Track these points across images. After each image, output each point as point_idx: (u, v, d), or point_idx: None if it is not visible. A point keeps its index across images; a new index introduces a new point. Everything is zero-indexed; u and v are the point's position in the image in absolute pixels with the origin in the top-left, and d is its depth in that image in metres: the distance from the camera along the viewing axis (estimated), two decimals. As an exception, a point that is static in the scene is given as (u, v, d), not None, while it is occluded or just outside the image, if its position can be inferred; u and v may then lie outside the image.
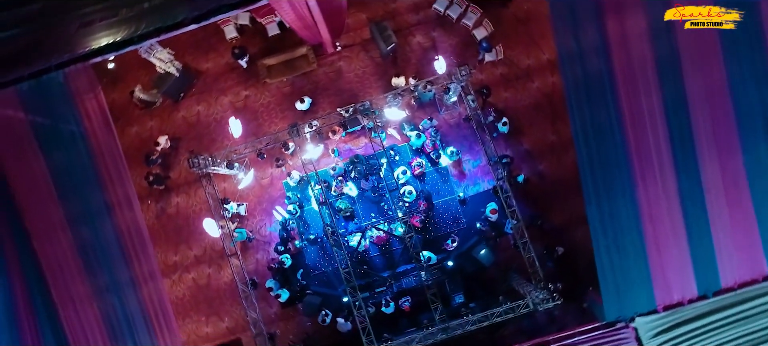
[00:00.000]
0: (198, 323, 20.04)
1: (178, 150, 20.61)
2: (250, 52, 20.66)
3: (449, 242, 18.93)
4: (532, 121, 20.20)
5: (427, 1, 20.68)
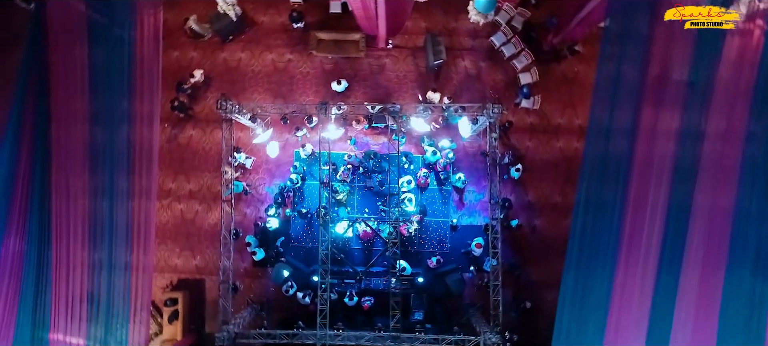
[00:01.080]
0: (171, 253, 21.02)
1: (208, 87, 21.59)
2: (307, 20, 21.62)
3: (434, 260, 19.58)
4: (543, 177, 20.91)
5: (487, 32, 21.50)
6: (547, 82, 21.30)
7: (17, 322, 15.59)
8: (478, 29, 21.60)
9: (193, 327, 20.44)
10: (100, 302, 15.75)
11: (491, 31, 21.49)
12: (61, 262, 15.85)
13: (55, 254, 15.81)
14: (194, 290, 20.74)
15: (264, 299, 20.47)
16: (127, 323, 15.80)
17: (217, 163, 20.89)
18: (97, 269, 15.83)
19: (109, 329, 15.67)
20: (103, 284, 15.81)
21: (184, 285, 20.79)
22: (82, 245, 15.83)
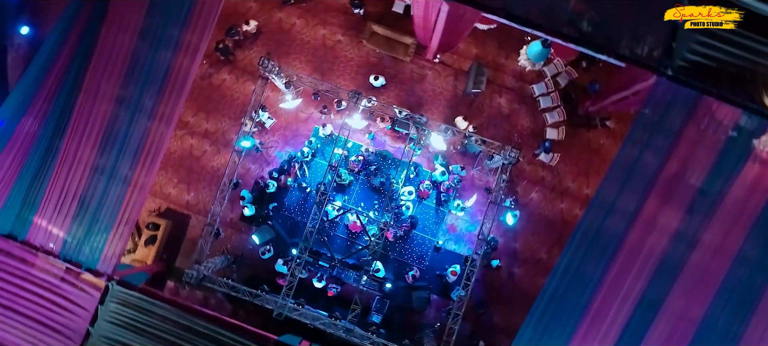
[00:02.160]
0: (169, 181, 22.17)
1: (256, 40, 22.60)
2: (368, 8, 22.46)
3: (411, 274, 20.57)
4: (536, 231, 21.68)
5: (531, 78, 22.20)
6: (570, 145, 22.00)
7: (9, 196, 16.58)
8: (523, 73, 22.24)
9: (164, 257, 21.49)
10: (89, 205, 16.56)
11: (535, 80, 22.16)
12: (67, 156, 16.70)
13: (65, 147, 16.67)
14: (178, 223, 21.84)
15: (240, 253, 21.56)
16: (108, 232, 16.54)
17: (240, 113, 21.98)
18: (98, 173, 16.64)
19: (90, 232, 16.49)
20: (99, 189, 16.61)
21: (170, 215, 21.88)
22: (92, 147, 16.66)
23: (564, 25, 16.39)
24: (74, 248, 16.43)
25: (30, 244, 16.35)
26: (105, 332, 15.77)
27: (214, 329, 15.64)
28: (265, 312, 18.78)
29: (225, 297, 20.62)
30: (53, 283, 16.23)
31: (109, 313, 15.89)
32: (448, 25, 18.36)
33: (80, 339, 15.79)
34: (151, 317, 15.81)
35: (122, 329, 15.81)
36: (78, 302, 16.14)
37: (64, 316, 16.08)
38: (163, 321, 15.78)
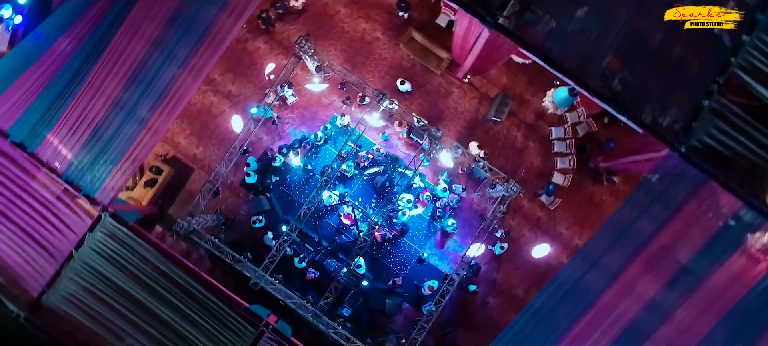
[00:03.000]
0: (181, 131, 22.80)
1: (298, 18, 23.12)
2: (412, 14, 22.93)
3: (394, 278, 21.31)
4: (519, 267, 22.09)
5: (551, 120, 22.63)
6: (573, 193, 22.39)
7: (29, 107, 17.05)
8: (545, 113, 22.67)
9: (159, 202, 22.07)
10: (102, 136, 17.03)
11: (555, 123, 22.53)
12: (93, 84, 17.17)
13: (93, 75, 17.13)
14: (180, 173, 22.43)
15: (232, 216, 22.14)
16: (113, 166, 17.01)
17: (266, 83, 22.52)
18: (117, 108, 17.12)
19: (96, 162, 16.95)
20: (114, 123, 17.10)
21: (175, 163, 22.47)
22: (119, 81, 17.13)
23: (595, 79, 16.75)
24: (77, 173, 16.86)
25: (37, 157, 16.79)
26: (87, 258, 16.23)
27: (190, 282, 16.06)
28: (241, 278, 19.45)
29: (207, 255, 21.17)
30: (49, 200, 16.68)
31: (96, 241, 16.33)
32: (485, 51, 18.74)
33: (62, 260, 16.27)
34: (133, 255, 16.26)
35: (104, 259, 16.26)
36: (69, 224, 16.61)
37: (52, 234, 16.58)
38: (143, 262, 16.22)
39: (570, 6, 16.62)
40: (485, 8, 16.19)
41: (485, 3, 16.30)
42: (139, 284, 16.22)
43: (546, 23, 16.77)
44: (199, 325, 16.04)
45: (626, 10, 16.59)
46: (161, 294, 16.23)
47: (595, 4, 16.70)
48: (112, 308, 16.08)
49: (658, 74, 16.56)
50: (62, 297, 16.10)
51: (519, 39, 16.29)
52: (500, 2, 16.12)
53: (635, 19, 16.56)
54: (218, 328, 16.05)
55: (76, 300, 16.11)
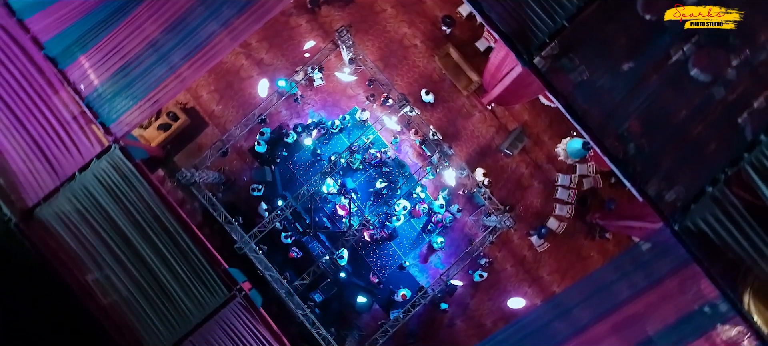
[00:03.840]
0: (206, 85, 23.07)
1: (345, 7, 23.28)
2: (454, 32, 23.02)
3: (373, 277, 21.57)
4: (492, 299, 22.29)
5: (560, 167, 22.82)
6: (563, 241, 22.52)
7: (69, 27, 17.22)
8: (555, 159, 22.78)
9: (168, 147, 22.37)
10: (131, 72, 17.20)
11: (563, 170, 22.65)
12: (134, 21, 17.29)
13: (136, 13, 17.25)
14: (195, 125, 22.69)
15: (233, 179, 22.42)
16: (134, 103, 17.21)
17: (298, 60, 22.76)
18: (152, 49, 17.24)
19: (119, 94, 17.16)
20: (146, 63, 17.27)
21: (192, 114, 22.70)
22: (160, 25, 17.24)
23: (611, 138, 16.73)
24: (99, 100, 17.08)
25: (65, 75, 17.01)
26: (88, 183, 16.49)
27: (179, 230, 16.31)
28: (227, 240, 19.77)
29: (201, 209, 21.45)
30: (66, 119, 16.95)
31: (100, 169, 16.59)
32: (514, 85, 18.76)
33: (64, 179, 16.54)
34: (131, 191, 16.49)
35: (103, 188, 16.49)
36: (78, 146, 16.86)
37: (60, 151, 16.84)
38: (139, 199, 16.45)
39: (608, 62, 16.74)
40: (524, 45, 16.30)
41: (526, 40, 16.43)
42: (129, 219, 16.46)
43: (579, 73, 16.80)
44: (177, 274, 16.31)
45: (660, 80, 16.70)
46: (148, 235, 16.46)
47: (633, 67, 16.74)
48: (99, 236, 16.34)
49: (673, 149, 16.65)
50: (55, 213, 16.36)
51: (548, 83, 16.36)
52: (541, 43, 16.23)
53: (665, 91, 16.68)
54: (194, 281, 16.30)
55: (67, 220, 16.36)
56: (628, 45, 16.87)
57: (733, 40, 16.67)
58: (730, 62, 16.82)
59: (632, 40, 16.87)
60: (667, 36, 16.61)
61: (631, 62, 16.89)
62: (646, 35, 16.78)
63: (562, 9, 16.26)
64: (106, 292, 16.39)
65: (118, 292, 16.33)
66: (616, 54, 16.87)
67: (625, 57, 16.86)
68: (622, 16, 16.73)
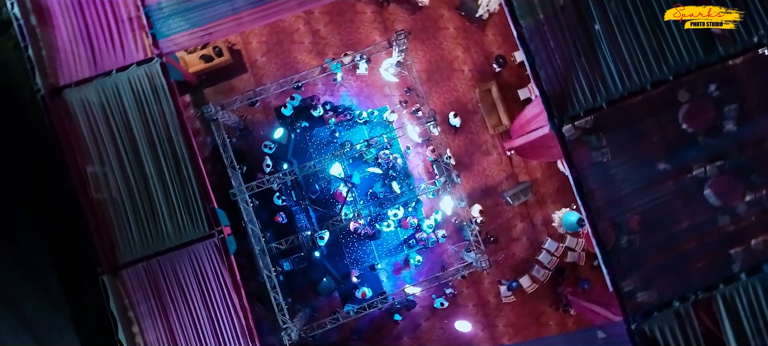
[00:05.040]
0: (258, 35, 22.65)
1: (413, 12, 22.65)
2: (503, 72, 22.53)
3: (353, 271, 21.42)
4: (445, 330, 21.97)
5: (552, 233, 22.29)
6: (528, 301, 22.13)
7: None
8: (550, 224, 22.33)
9: (203, 78, 22.12)
10: None
11: (553, 237, 22.17)
12: None
13: None
14: (235, 67, 22.35)
15: (251, 129, 22.20)
16: (189, 28, 17.12)
17: (350, 46, 22.34)
18: None
19: (178, 14, 17.00)
20: None
21: (235, 56, 22.32)
22: None
23: (606, 223, 16.46)
24: (158, 13, 16.98)
25: None
26: (120, 83, 16.42)
27: (185, 157, 16.27)
28: (225, 182, 19.67)
29: (211, 145, 21.32)
30: (122, 18, 16.83)
31: (136, 75, 16.52)
32: (538, 142, 18.44)
33: (100, 72, 16.49)
34: (155, 105, 16.46)
35: (132, 93, 16.45)
36: (124, 47, 16.79)
37: (106, 46, 16.75)
38: (160, 115, 16.43)
39: (632, 154, 16.53)
40: (560, 110, 16.16)
41: (562, 106, 16.27)
42: (145, 130, 16.44)
43: (601, 153, 16.55)
44: (169, 196, 16.29)
45: (674, 188, 16.57)
46: (156, 151, 16.43)
47: (654, 166, 16.62)
48: (112, 135, 16.34)
49: (661, 255, 16.47)
50: (81, 100, 16.35)
51: (567, 152, 16.18)
52: (575, 114, 16.08)
53: (675, 200, 16.55)
54: (182, 208, 16.27)
55: (89, 110, 16.34)
56: (657, 145, 16.68)
57: (755, 178, 16.68)
58: (744, 196, 16.67)
59: (663, 142, 16.68)
60: (696, 150, 16.61)
61: (653, 161, 16.70)
62: (678, 142, 16.68)
63: (607, 91, 16.10)
64: (99, 188, 16.36)
65: (110, 191, 16.33)
66: (642, 149, 16.68)
67: (650, 155, 16.68)
68: (662, 117, 16.55)
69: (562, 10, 16.21)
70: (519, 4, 16.19)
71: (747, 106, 16.46)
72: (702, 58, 15.88)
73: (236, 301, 16.42)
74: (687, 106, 16.46)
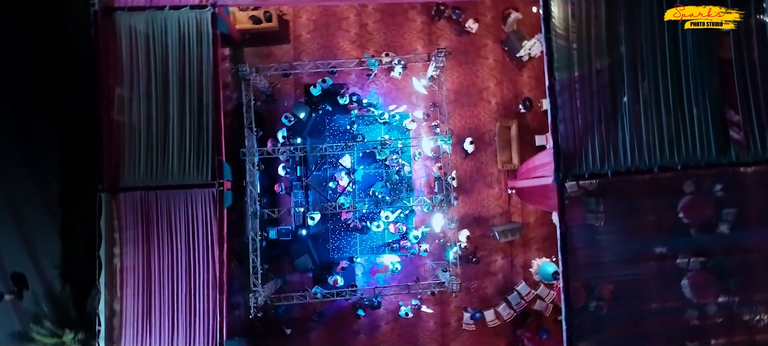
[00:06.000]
0: (309, 13, 22.12)
1: (458, 34, 22.24)
2: (528, 114, 22.17)
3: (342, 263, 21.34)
4: (399, 335, 21.63)
5: (526, 277, 21.87)
6: (486, 334, 21.80)
7: None
8: (528, 269, 21.95)
9: (246, 37, 21.78)
10: None
11: (528, 281, 21.78)
12: None
13: None
14: (279, 35, 21.97)
15: (276, 98, 21.93)
16: None
17: (392, 48, 22.00)
18: None
19: None
20: None
21: (282, 25, 21.98)
22: None
23: (580, 285, 16.24)
24: None
25: None
26: (169, 20, 16.47)
27: (209, 105, 16.32)
28: (238, 139, 19.56)
29: (236, 102, 20.98)
30: None
31: (186, 17, 16.55)
32: (539, 189, 18.28)
33: (155, 3, 16.51)
34: (197, 50, 16.52)
35: (177, 32, 16.48)
36: None
37: None
38: (198, 60, 16.48)
39: (625, 227, 16.31)
40: (567, 166, 15.97)
41: (570, 163, 16.05)
42: (179, 70, 16.45)
43: (595, 218, 16.29)
44: (184, 138, 16.29)
45: (654, 269, 16.38)
46: (184, 92, 16.43)
47: (642, 245, 16.40)
48: (148, 66, 16.38)
49: (624, 328, 16.42)
50: (129, 25, 16.40)
51: (562, 208, 15.96)
52: (580, 174, 15.88)
53: (652, 281, 16.39)
54: (193, 153, 16.26)
55: (134, 36, 16.40)
56: (651, 226, 16.52)
57: (732, 284, 16.41)
58: (717, 297, 16.46)
59: (657, 224, 16.53)
60: (685, 241, 16.41)
61: (642, 239, 16.50)
62: (671, 229, 16.46)
63: (616, 161, 15.92)
64: (122, 111, 16.42)
65: (131, 117, 16.38)
66: (635, 225, 16.50)
67: (641, 232, 16.49)
68: (662, 200, 16.37)
69: (598, 73, 16.06)
70: (559, 57, 16.03)
71: (745, 215, 16.24)
72: (714, 157, 15.78)
73: (217, 253, 16.41)
74: (689, 197, 16.27)
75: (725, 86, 15.85)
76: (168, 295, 16.28)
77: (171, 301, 16.30)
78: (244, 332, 20.73)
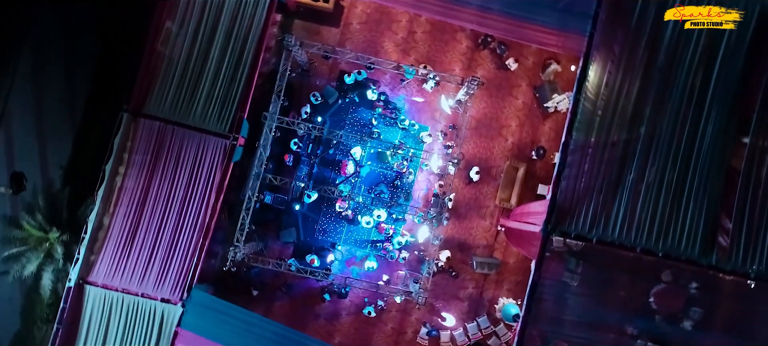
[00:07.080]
0: (366, 6, 21.83)
1: (497, 67, 21.86)
2: (537, 162, 21.79)
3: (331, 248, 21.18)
4: (358, 332, 21.34)
5: (492, 315, 21.42)
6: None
7: None
8: (493, 305, 21.57)
9: (300, 10, 21.42)
10: None
11: (490, 317, 21.41)
12: None
13: None
14: (330, 17, 21.68)
15: (312, 74, 21.62)
16: None
17: (431, 62, 21.74)
18: None
19: None
20: None
21: (337, 9, 21.64)
22: None
23: (538, 335, 16.03)
24: None
25: None
26: None
27: (247, 62, 16.58)
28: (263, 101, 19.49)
29: (272, 67, 20.68)
30: None
31: None
32: (527, 235, 18.08)
33: None
34: (251, 7, 16.78)
35: None
36: None
37: None
38: (249, 18, 16.80)
39: (595, 294, 16.22)
40: (557, 220, 15.78)
41: (561, 219, 15.83)
42: (229, 22, 16.63)
43: (572, 278, 16.24)
44: (215, 85, 16.41)
45: (611, 342, 16.29)
46: (228, 44, 16.61)
47: (608, 315, 16.28)
48: (202, 10, 16.50)
49: None
50: None
51: (541, 258, 15.75)
52: (567, 232, 15.66)
53: None
54: (219, 101, 16.40)
55: None
56: (620, 301, 16.39)
57: None
58: None
59: (626, 301, 16.41)
60: (648, 325, 16.32)
61: (609, 311, 16.36)
62: (637, 310, 16.38)
63: (603, 231, 15.70)
64: (167, 43, 16.48)
65: (172, 51, 16.48)
66: (606, 295, 16.38)
67: (609, 304, 16.37)
68: (638, 281, 16.27)
69: (613, 145, 15.92)
70: (582, 119, 15.94)
71: (711, 318, 16.09)
72: (695, 255, 15.51)
73: (212, 200, 16.56)
74: (663, 286, 16.11)
75: (727, 193, 15.66)
76: (156, 225, 16.38)
77: (157, 231, 16.41)
78: (214, 281, 20.76)
